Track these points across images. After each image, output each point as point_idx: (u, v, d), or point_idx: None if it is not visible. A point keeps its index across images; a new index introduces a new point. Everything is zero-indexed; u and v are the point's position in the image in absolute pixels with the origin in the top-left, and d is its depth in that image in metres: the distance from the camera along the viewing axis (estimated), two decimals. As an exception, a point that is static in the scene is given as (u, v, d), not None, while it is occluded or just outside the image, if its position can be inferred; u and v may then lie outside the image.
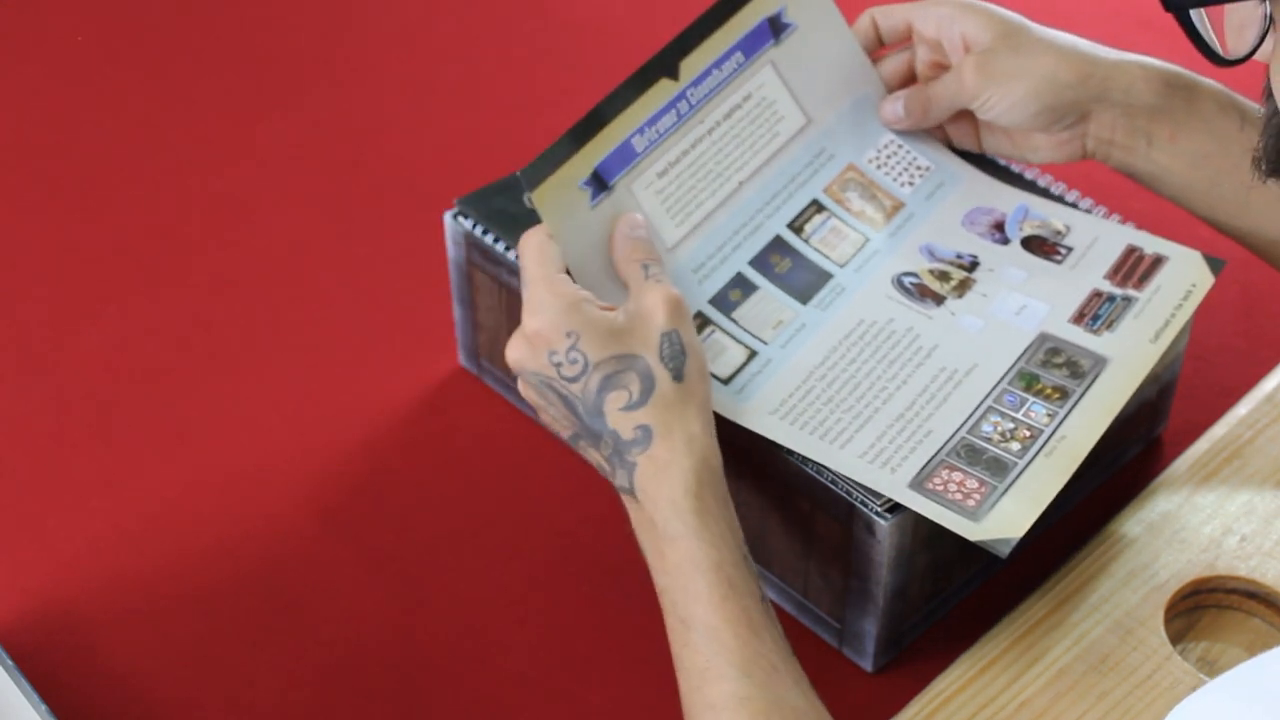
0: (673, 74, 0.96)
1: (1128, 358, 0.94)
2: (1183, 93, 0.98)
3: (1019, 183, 1.04)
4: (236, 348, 1.13)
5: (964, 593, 0.98)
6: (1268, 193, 0.76)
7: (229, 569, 1.00)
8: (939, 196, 1.03)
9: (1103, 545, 0.97)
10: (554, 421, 0.89)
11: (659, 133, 0.96)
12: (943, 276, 0.98)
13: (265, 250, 1.20)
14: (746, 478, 0.94)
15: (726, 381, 0.93)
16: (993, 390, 0.93)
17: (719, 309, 0.95)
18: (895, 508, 0.88)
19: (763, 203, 0.99)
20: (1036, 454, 0.89)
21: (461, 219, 1.03)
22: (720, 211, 0.98)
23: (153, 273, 1.18)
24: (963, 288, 0.98)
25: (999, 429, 0.91)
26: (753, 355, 0.94)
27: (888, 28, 1.03)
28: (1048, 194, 1.04)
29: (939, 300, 0.97)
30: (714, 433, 0.86)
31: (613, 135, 0.94)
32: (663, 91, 0.96)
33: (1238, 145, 0.96)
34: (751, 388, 0.92)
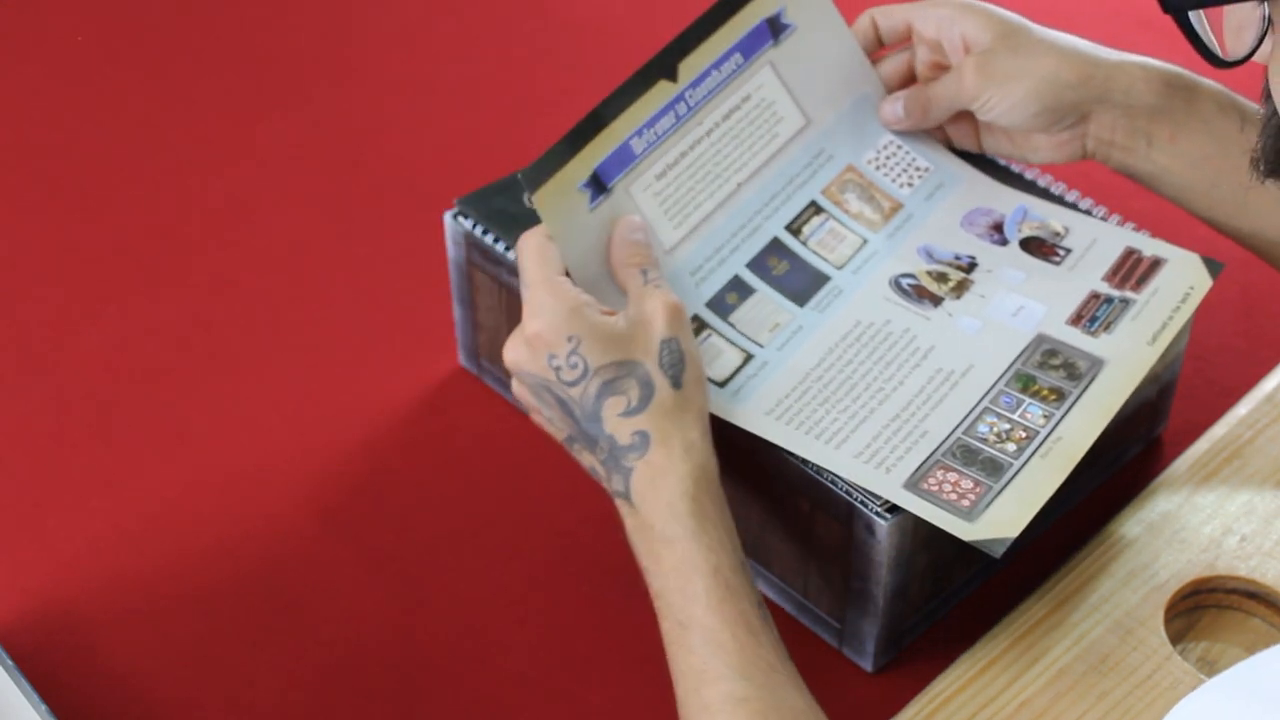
0: (671, 75, 0.96)
1: (1125, 360, 0.94)
2: (1183, 93, 0.98)
3: (1018, 183, 1.04)
4: (236, 348, 1.13)
5: (964, 593, 0.98)
6: (1267, 193, 0.76)
7: (229, 569, 1.00)
8: (938, 198, 1.03)
9: (1103, 545, 0.97)
10: (548, 423, 0.89)
11: (657, 135, 0.96)
12: (940, 278, 0.98)
13: (265, 250, 1.20)
14: (747, 478, 0.94)
15: (723, 384, 0.93)
16: (989, 391, 0.93)
17: (716, 312, 0.95)
18: (895, 508, 0.88)
19: (761, 204, 0.99)
20: (1032, 455, 0.89)
21: (461, 219, 1.03)
22: (718, 213, 0.98)
23: (153, 273, 1.18)
24: (960, 289, 0.98)
25: (995, 430, 0.91)
26: (749, 358, 0.94)
27: (887, 28, 1.03)
28: (1047, 194, 1.04)
29: (936, 301, 0.97)
30: (711, 441, 0.86)
31: (612, 137, 0.94)
32: (661, 93, 0.96)
33: (1237, 146, 0.96)
34: (747, 390, 0.92)
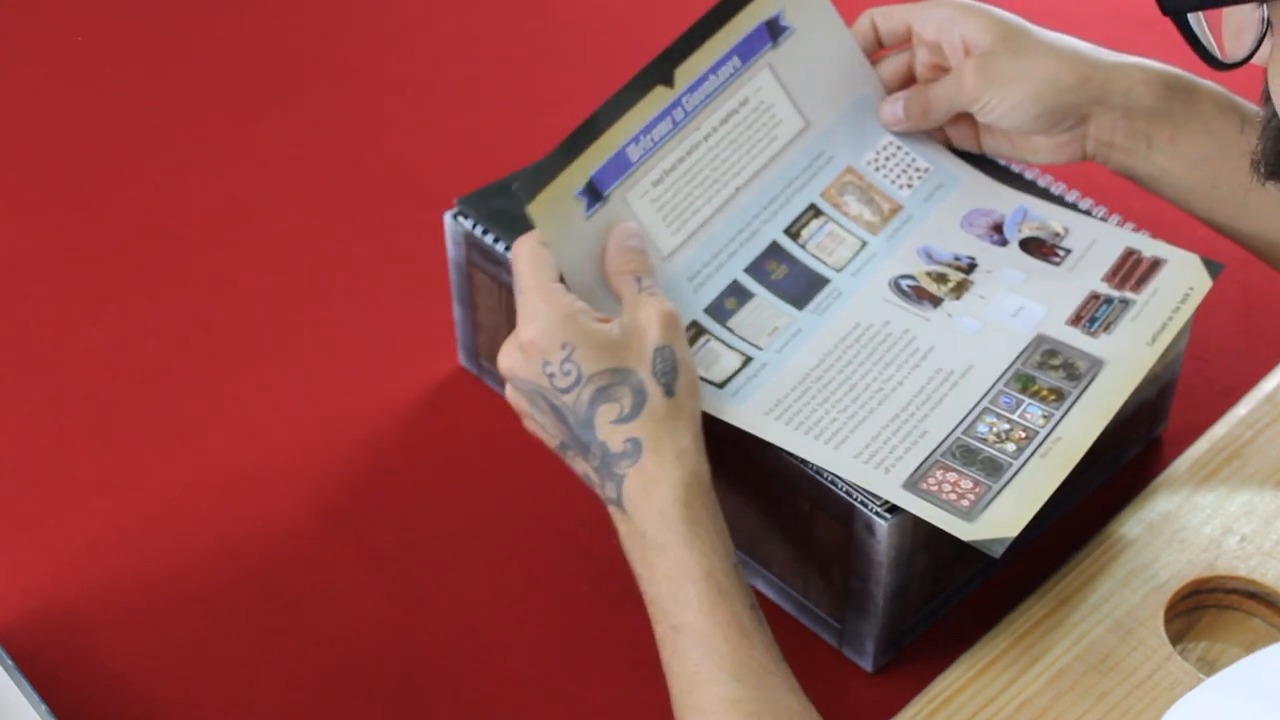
0: (667, 81, 0.96)
1: (1125, 360, 0.94)
2: (1182, 95, 0.98)
3: (1018, 183, 1.04)
4: (236, 348, 1.13)
5: (964, 593, 0.98)
6: (1267, 194, 0.76)
7: (229, 569, 1.00)
8: (938, 198, 1.03)
9: (1103, 545, 0.97)
10: (541, 429, 0.90)
11: (654, 141, 0.96)
12: (940, 279, 0.98)
13: (265, 250, 1.20)
14: (746, 479, 0.94)
15: (722, 385, 0.93)
16: (989, 392, 0.93)
17: (714, 318, 0.95)
18: (895, 508, 0.88)
19: (759, 208, 0.99)
20: (1032, 455, 0.89)
21: (461, 219, 1.03)
22: (717, 218, 0.98)
23: (153, 273, 1.18)
24: (960, 289, 0.98)
25: (994, 430, 0.91)
26: (748, 361, 0.94)
27: (887, 29, 1.03)
28: (1047, 194, 1.04)
29: (936, 302, 0.97)
30: (703, 447, 0.87)
31: (607, 145, 0.94)
32: (658, 99, 0.95)
33: (1237, 147, 0.96)
34: (747, 390, 0.92)
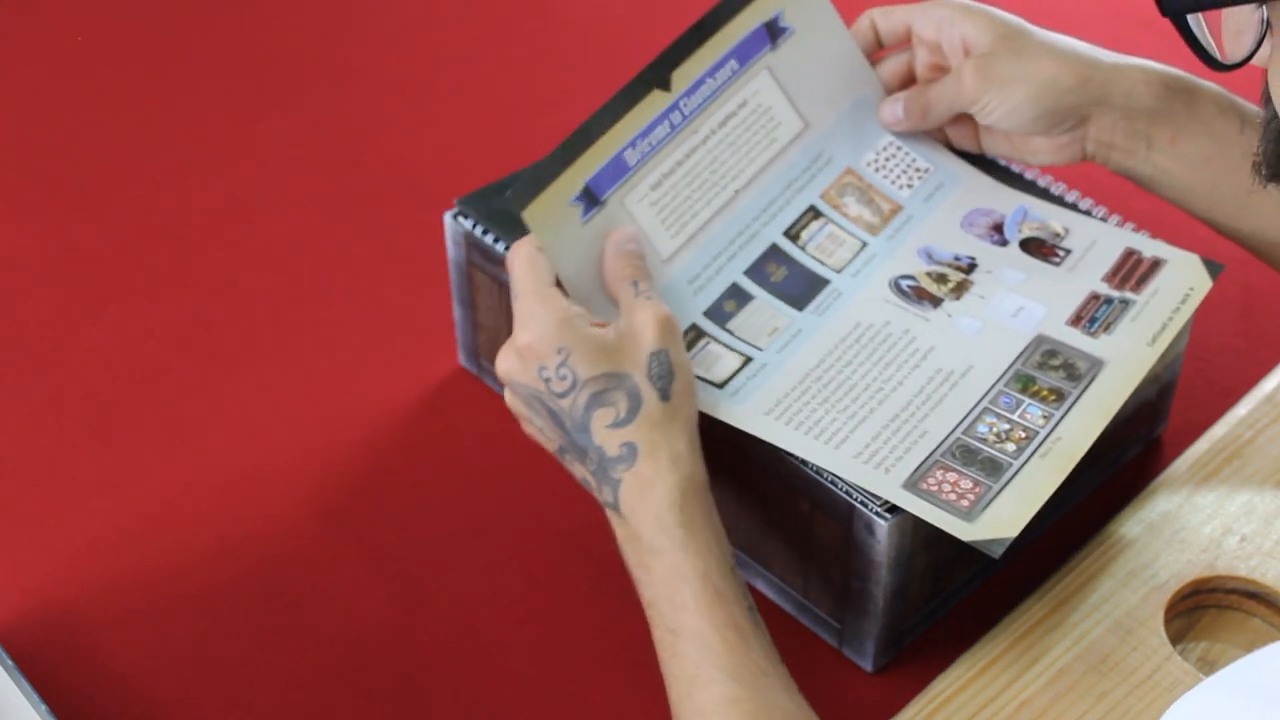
0: (665, 85, 0.96)
1: (1125, 360, 0.94)
2: (1183, 96, 0.98)
3: (1018, 183, 1.04)
4: (236, 348, 1.13)
5: (964, 593, 0.98)
6: (1267, 195, 0.76)
7: (229, 569, 1.00)
8: (938, 198, 1.03)
9: (1103, 545, 0.97)
10: (539, 433, 0.90)
11: (652, 145, 0.95)
12: (940, 279, 0.98)
13: (265, 250, 1.20)
14: (746, 479, 0.94)
15: (721, 386, 0.93)
16: (989, 392, 0.93)
17: (714, 320, 0.95)
18: (895, 508, 0.88)
19: (759, 210, 0.99)
20: (1032, 455, 0.89)
21: (461, 219, 1.03)
22: (716, 221, 0.98)
23: (153, 273, 1.18)
24: (960, 290, 0.98)
25: (994, 430, 0.91)
26: (748, 361, 0.94)
27: (887, 29, 1.03)
28: (1047, 194, 1.04)
29: (936, 302, 0.97)
30: (700, 450, 0.87)
31: (603, 150, 0.94)
32: (655, 103, 0.95)
33: (1238, 148, 0.96)
34: (746, 391, 0.92)
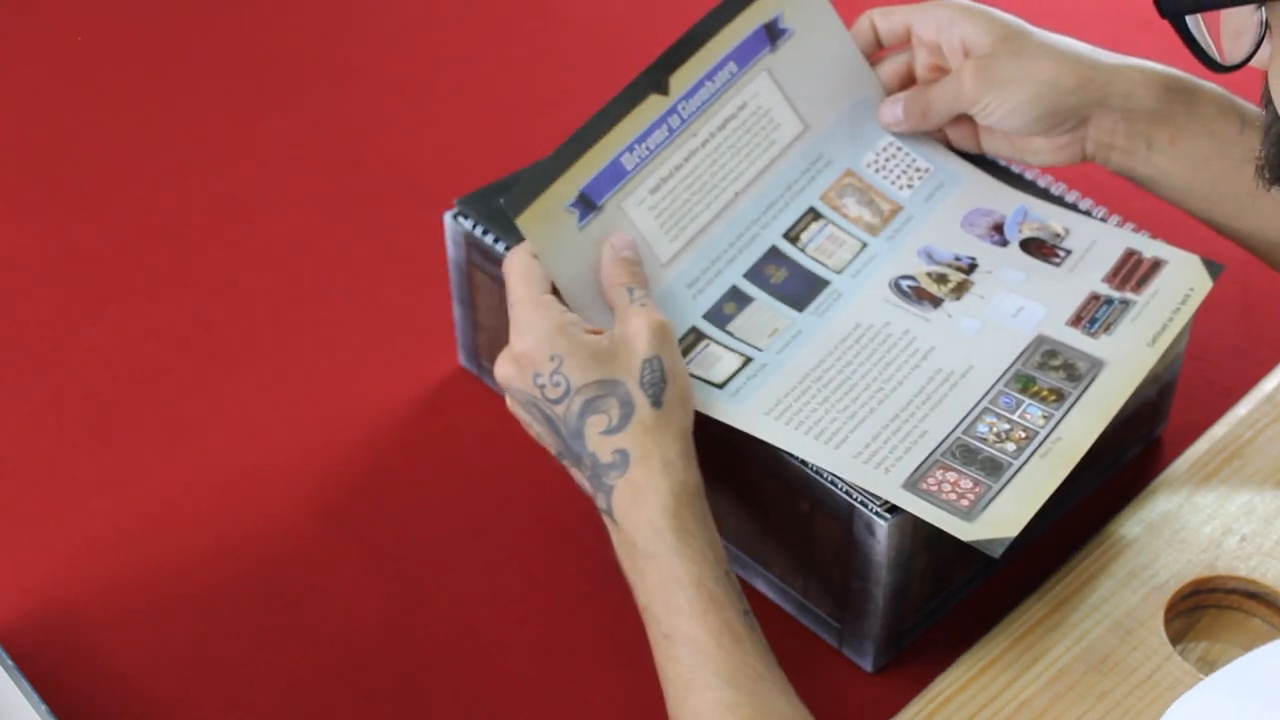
0: (662, 89, 0.96)
1: (1125, 361, 0.94)
2: (1183, 96, 0.98)
3: (1019, 183, 1.04)
4: (236, 348, 1.13)
5: (964, 593, 0.98)
6: (1267, 195, 0.76)
7: (229, 569, 1.00)
8: (938, 198, 1.03)
9: (1103, 545, 0.97)
10: (539, 438, 0.91)
11: (649, 149, 0.95)
12: (940, 279, 0.98)
13: (265, 250, 1.20)
14: (746, 478, 0.94)
15: (721, 386, 0.93)
16: (989, 392, 0.93)
17: (713, 323, 0.95)
18: (895, 508, 0.88)
19: (758, 213, 0.99)
20: (1032, 455, 0.89)
21: (461, 219, 1.03)
22: (715, 224, 0.98)
23: (153, 273, 1.18)
24: (960, 290, 0.98)
25: (994, 430, 0.91)
26: (748, 361, 0.94)
27: (886, 30, 1.03)
28: (1048, 195, 1.04)
29: (936, 303, 0.97)
30: (694, 458, 0.87)
31: (600, 155, 0.94)
32: (652, 107, 0.95)
33: (1238, 148, 0.96)
34: (746, 391, 0.92)
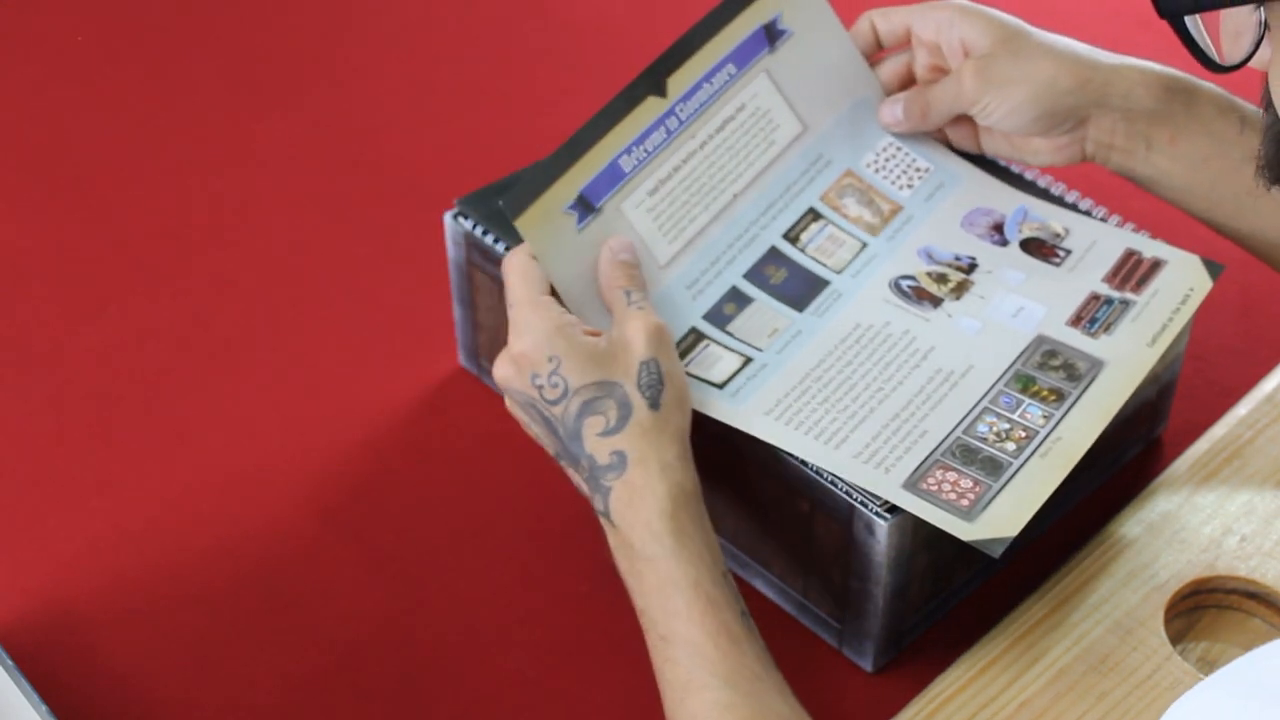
0: (660, 91, 0.96)
1: (1125, 361, 0.94)
2: (1182, 97, 0.98)
3: (1019, 183, 1.04)
4: (236, 348, 1.13)
5: (964, 593, 0.98)
6: (1266, 195, 0.76)
7: (229, 569, 1.00)
8: (938, 198, 1.03)
9: (1103, 545, 0.97)
10: (538, 439, 0.91)
11: (648, 151, 0.95)
12: (940, 279, 0.98)
13: (265, 250, 1.20)
14: (746, 478, 0.94)
15: (721, 386, 0.93)
16: (989, 392, 0.93)
17: (713, 324, 0.95)
18: (895, 508, 0.88)
19: (758, 214, 0.99)
20: (1032, 454, 0.89)
21: (461, 219, 1.03)
22: (714, 225, 0.98)
23: (153, 273, 1.18)
24: (960, 290, 0.98)
25: (994, 429, 0.91)
26: (748, 361, 0.94)
27: (886, 31, 1.03)
28: (1047, 194, 1.04)
29: (936, 303, 0.97)
30: (691, 460, 0.87)
31: (598, 158, 0.94)
32: (650, 110, 0.95)
33: (1237, 149, 0.96)
34: (746, 391, 0.92)
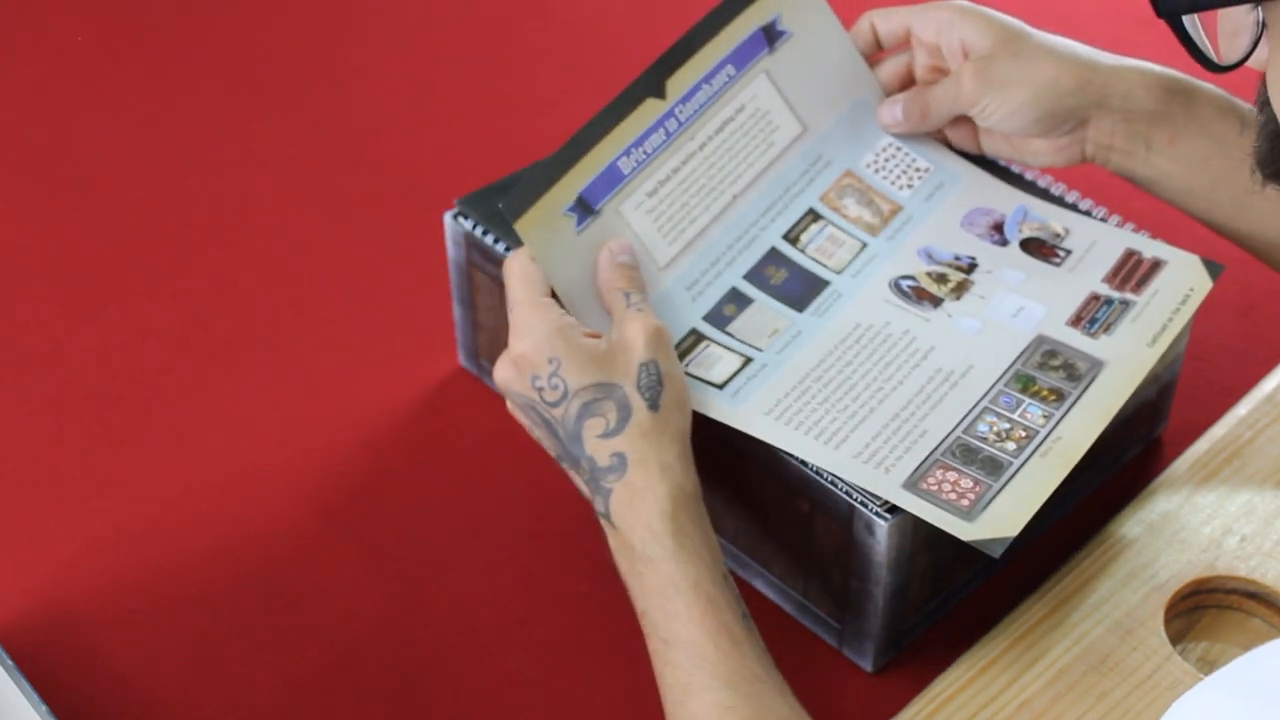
0: (659, 93, 0.96)
1: (1125, 361, 0.94)
2: (1181, 98, 0.98)
3: (1019, 183, 1.04)
4: (236, 348, 1.13)
5: (964, 593, 0.98)
6: (1266, 196, 0.76)
7: (229, 569, 1.00)
8: (938, 198, 1.03)
9: (1103, 545, 0.97)
10: (540, 441, 0.91)
11: (647, 153, 0.96)
12: (940, 279, 0.98)
13: (265, 250, 1.20)
14: (746, 478, 0.94)
15: (721, 386, 0.93)
16: (989, 391, 0.93)
17: (713, 324, 0.95)
18: (895, 508, 0.88)
19: (758, 215, 0.99)
20: (1032, 454, 0.89)
21: (461, 219, 1.03)
22: (714, 226, 0.98)
23: (153, 273, 1.18)
24: (960, 290, 0.98)
25: (995, 429, 0.91)
26: (748, 361, 0.94)
27: (886, 31, 1.03)
28: (1047, 194, 1.04)
29: (936, 303, 0.97)
30: (691, 461, 0.87)
31: (597, 160, 0.94)
32: (649, 111, 0.95)
33: (1237, 149, 0.96)
34: (746, 391, 0.92)
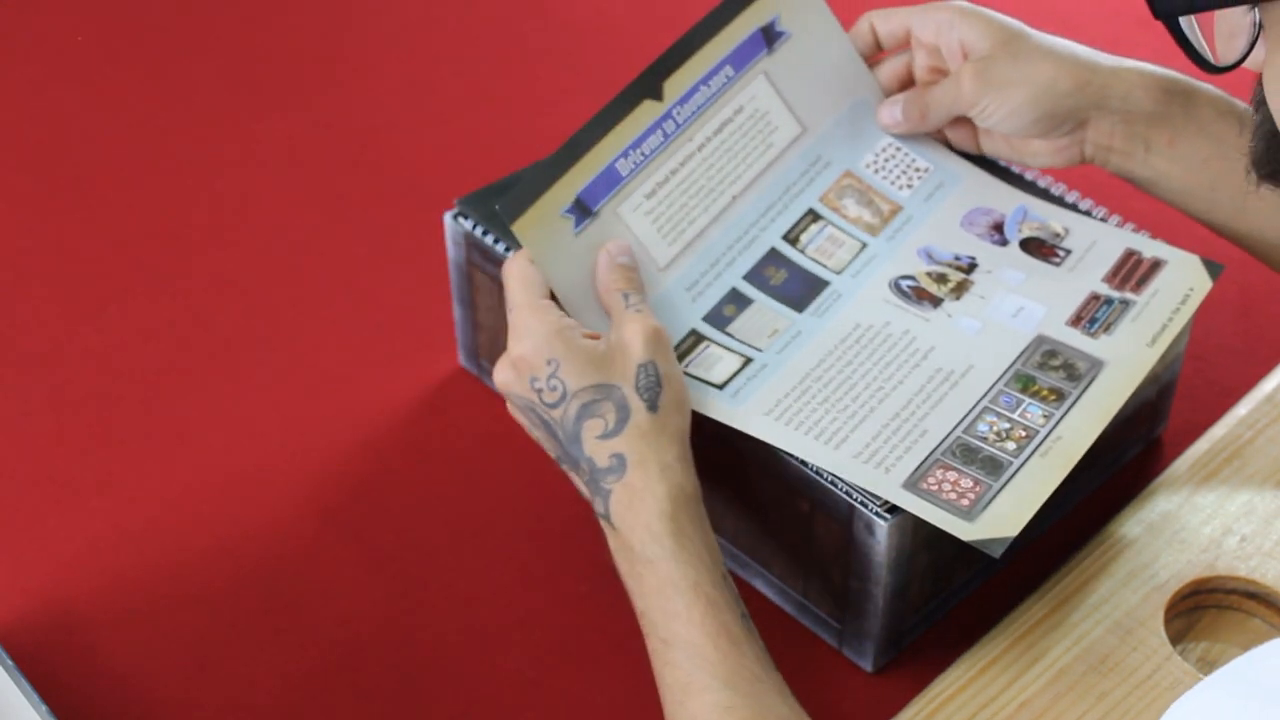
0: (656, 95, 0.96)
1: (1125, 361, 0.94)
2: (1181, 99, 0.98)
3: (1019, 183, 1.04)
4: (236, 348, 1.13)
5: (964, 593, 0.98)
6: (1265, 196, 0.76)
7: (229, 569, 1.00)
8: (938, 198, 1.03)
9: (1103, 545, 0.97)
10: (540, 443, 0.91)
11: (644, 155, 0.96)
12: (940, 279, 0.98)
13: (265, 250, 1.20)
14: (746, 479, 0.94)
15: (721, 386, 0.93)
16: (989, 391, 0.93)
17: (713, 325, 0.95)
18: (895, 508, 0.88)
19: (757, 215, 0.99)
20: (1032, 454, 0.89)
21: (461, 219, 1.03)
22: (713, 227, 0.98)
23: (153, 273, 1.18)
24: (960, 290, 0.98)
25: (995, 429, 0.91)
26: (748, 362, 0.94)
27: (886, 32, 1.03)
28: (1047, 194, 1.04)
29: (936, 303, 0.97)
30: (690, 462, 0.87)
31: (594, 162, 0.94)
32: (646, 113, 0.95)
33: (1236, 150, 0.96)
34: (746, 391, 0.92)
